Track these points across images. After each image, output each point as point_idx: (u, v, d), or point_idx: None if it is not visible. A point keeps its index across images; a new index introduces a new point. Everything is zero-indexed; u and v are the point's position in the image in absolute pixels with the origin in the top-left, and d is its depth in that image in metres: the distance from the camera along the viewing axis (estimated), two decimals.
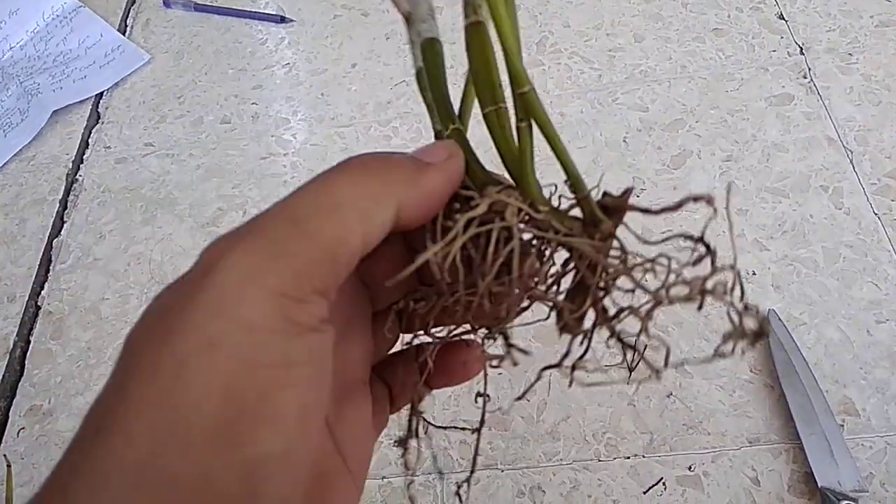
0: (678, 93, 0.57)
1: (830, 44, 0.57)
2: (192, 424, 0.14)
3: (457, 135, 0.21)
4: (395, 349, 0.24)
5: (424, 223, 0.19)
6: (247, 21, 0.72)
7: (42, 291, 0.56)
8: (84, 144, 0.65)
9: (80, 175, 0.63)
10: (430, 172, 0.19)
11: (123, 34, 0.73)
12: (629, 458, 0.41)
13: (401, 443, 0.23)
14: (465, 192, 0.20)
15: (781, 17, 0.60)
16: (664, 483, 0.40)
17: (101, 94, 0.69)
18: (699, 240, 0.18)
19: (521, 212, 0.19)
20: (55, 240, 0.59)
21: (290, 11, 0.72)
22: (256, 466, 0.14)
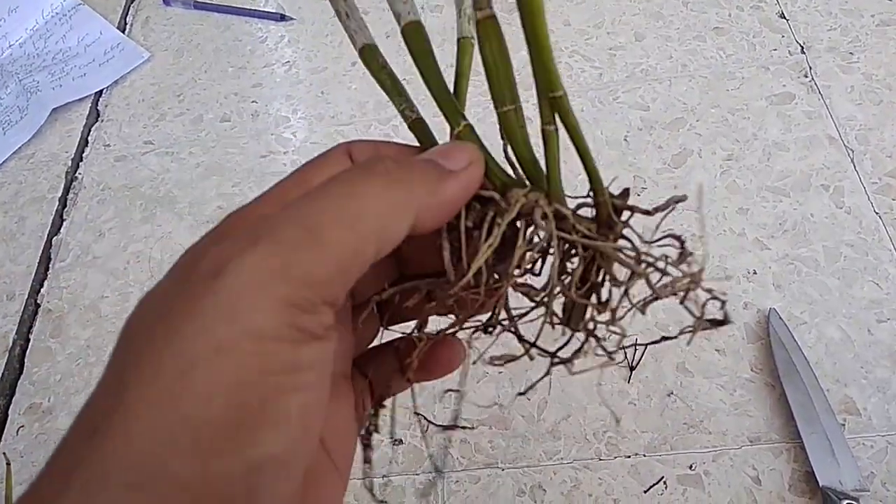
0: (679, 91, 0.57)
1: (831, 43, 0.57)
2: (195, 426, 0.14)
3: (469, 132, 0.20)
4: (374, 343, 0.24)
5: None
6: (246, 19, 0.72)
7: (41, 289, 0.56)
8: (83, 142, 0.65)
9: (80, 173, 0.63)
10: (452, 183, 0.18)
11: (123, 32, 0.73)
12: (630, 457, 0.41)
13: (363, 438, 0.22)
14: (483, 193, 0.19)
15: (782, 16, 0.60)
16: (665, 482, 0.40)
17: (101, 92, 0.69)
18: (678, 238, 0.20)
19: (550, 214, 0.19)
20: (54, 238, 0.59)
21: (290, 9, 0.72)
22: (257, 468, 0.14)
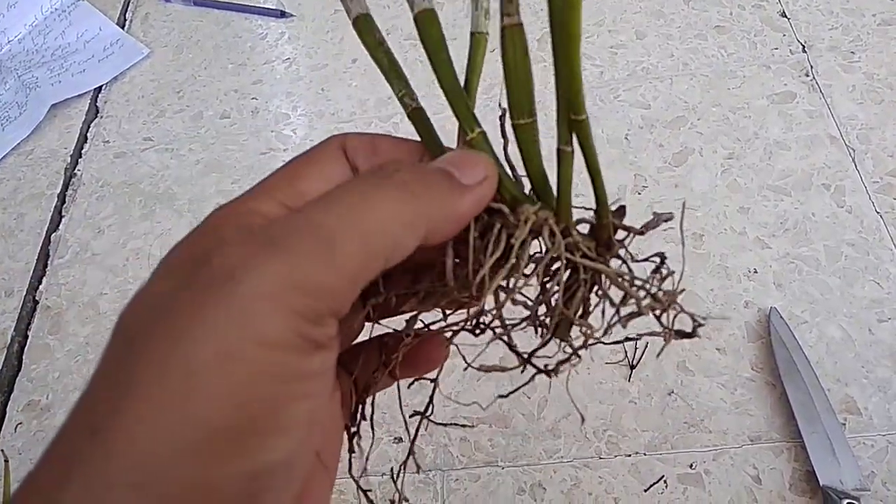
0: (680, 90, 0.57)
1: (833, 42, 0.57)
2: (202, 430, 0.14)
3: (482, 139, 0.20)
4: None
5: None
6: (246, 16, 0.72)
7: (40, 286, 0.56)
8: (83, 139, 0.65)
9: (79, 169, 0.63)
10: (466, 199, 0.18)
11: (122, 28, 0.73)
12: (630, 456, 0.41)
13: (348, 429, 0.22)
14: (492, 204, 0.19)
15: (784, 15, 0.59)
16: (665, 481, 0.40)
17: (100, 89, 0.69)
18: (662, 257, 0.21)
19: (559, 235, 0.20)
20: (53, 234, 0.59)
21: (290, 6, 0.71)
22: (263, 473, 0.14)
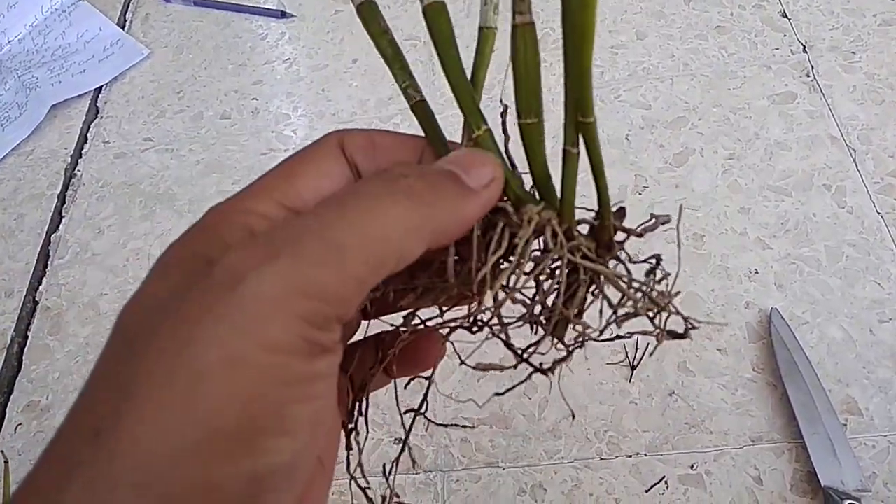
0: (681, 90, 0.57)
1: (833, 42, 0.57)
2: (207, 432, 0.14)
3: (487, 137, 0.20)
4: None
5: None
6: (247, 16, 0.72)
7: (40, 287, 0.56)
8: (83, 139, 0.65)
9: (79, 170, 0.63)
10: (473, 203, 0.18)
11: (123, 28, 0.73)
12: (631, 457, 0.41)
13: (345, 426, 0.23)
14: (496, 203, 0.19)
15: (784, 16, 0.59)
16: (666, 482, 0.40)
17: (100, 89, 0.69)
18: (658, 259, 0.21)
19: (562, 236, 0.20)
20: (53, 235, 0.59)
21: (291, 6, 0.71)
22: (264, 475, 0.15)
